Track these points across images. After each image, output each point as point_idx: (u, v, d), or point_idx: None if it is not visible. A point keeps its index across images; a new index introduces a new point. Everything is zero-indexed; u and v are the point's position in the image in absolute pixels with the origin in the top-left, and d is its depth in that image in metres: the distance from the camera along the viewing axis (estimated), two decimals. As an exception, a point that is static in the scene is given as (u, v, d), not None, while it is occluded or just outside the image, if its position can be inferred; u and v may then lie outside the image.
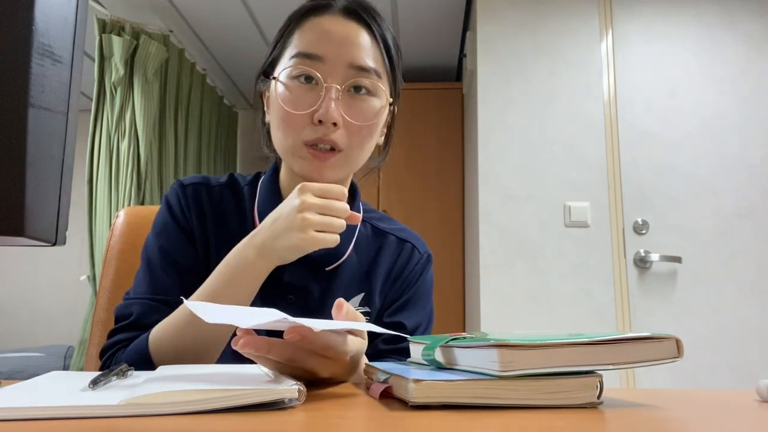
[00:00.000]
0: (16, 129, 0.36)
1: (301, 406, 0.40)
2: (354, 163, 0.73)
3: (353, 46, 0.70)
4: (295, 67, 0.70)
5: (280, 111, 0.70)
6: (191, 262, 0.73)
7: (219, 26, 2.95)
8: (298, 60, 0.70)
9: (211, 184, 0.79)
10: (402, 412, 0.39)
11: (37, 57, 0.37)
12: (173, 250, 0.73)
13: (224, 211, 0.77)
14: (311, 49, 0.70)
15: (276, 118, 0.71)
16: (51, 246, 0.40)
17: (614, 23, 2.38)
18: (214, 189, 0.78)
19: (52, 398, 0.38)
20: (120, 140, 2.55)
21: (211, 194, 0.77)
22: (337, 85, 0.68)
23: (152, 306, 0.70)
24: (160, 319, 0.66)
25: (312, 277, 0.74)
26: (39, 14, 0.37)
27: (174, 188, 0.78)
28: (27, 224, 0.36)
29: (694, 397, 0.54)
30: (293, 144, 0.69)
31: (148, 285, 0.71)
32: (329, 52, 0.69)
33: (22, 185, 0.36)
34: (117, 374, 0.46)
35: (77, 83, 0.41)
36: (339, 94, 0.68)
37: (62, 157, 0.40)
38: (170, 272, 0.72)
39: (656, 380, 2.06)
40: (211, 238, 0.74)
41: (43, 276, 3.73)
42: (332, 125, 0.68)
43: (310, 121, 0.68)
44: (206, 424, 0.34)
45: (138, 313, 0.69)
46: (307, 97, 0.69)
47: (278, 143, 0.72)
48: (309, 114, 0.68)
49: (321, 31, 0.71)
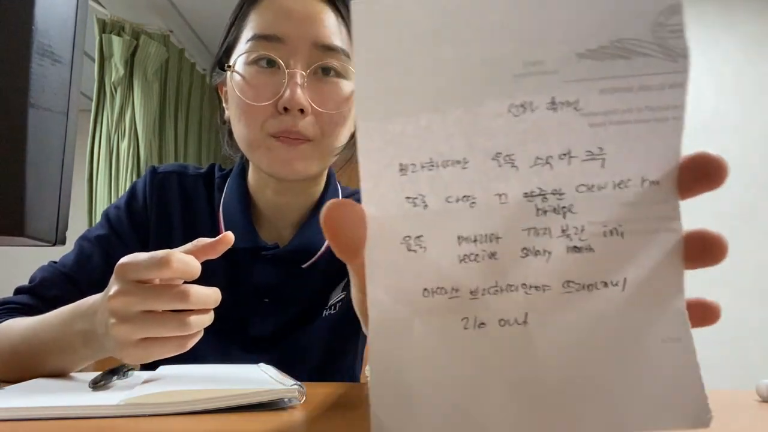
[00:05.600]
0: (16, 129, 0.36)
1: (301, 406, 0.40)
2: (327, 154, 0.64)
3: (316, 23, 0.62)
4: (251, 52, 0.61)
5: (239, 102, 0.62)
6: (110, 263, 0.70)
7: (219, 26, 2.93)
8: (255, 43, 0.61)
9: (187, 172, 0.75)
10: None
11: (37, 57, 0.37)
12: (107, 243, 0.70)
13: (195, 200, 0.73)
14: (269, 29, 0.61)
15: (236, 110, 0.63)
16: (51, 246, 0.40)
17: (614, 23, 2.38)
18: (188, 178, 0.74)
19: (52, 398, 0.38)
20: (120, 140, 2.55)
21: (183, 183, 0.74)
22: (301, 70, 0.60)
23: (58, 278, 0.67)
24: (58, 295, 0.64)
25: (287, 275, 0.70)
26: (39, 14, 0.37)
27: (144, 176, 0.74)
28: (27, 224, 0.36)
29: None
30: (256, 137, 0.62)
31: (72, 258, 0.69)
32: (290, 31, 0.61)
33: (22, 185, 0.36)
34: (117, 374, 0.46)
35: (77, 83, 0.41)
36: (304, 79, 0.60)
37: (62, 157, 0.40)
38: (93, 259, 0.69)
39: (656, 380, 2.06)
40: (176, 228, 0.71)
41: (43, 276, 3.72)
42: (299, 112, 0.60)
43: (274, 110, 0.60)
44: (206, 424, 0.34)
45: (40, 278, 0.67)
46: (268, 84, 0.61)
47: (240, 138, 0.64)
48: (272, 103, 0.60)
49: (279, 9, 0.62)
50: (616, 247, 0.23)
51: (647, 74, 0.22)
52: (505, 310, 0.23)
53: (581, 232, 0.23)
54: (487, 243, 0.23)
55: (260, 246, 0.69)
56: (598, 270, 0.23)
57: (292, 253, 0.69)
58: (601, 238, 0.23)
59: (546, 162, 0.23)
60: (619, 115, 0.23)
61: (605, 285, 0.23)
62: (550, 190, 0.23)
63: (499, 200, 0.23)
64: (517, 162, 0.23)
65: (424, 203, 0.23)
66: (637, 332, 0.22)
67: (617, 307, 0.23)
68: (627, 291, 0.23)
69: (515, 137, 0.23)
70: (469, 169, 0.23)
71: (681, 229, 0.23)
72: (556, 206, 0.23)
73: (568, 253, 0.23)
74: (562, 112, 0.23)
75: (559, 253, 0.23)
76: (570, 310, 0.23)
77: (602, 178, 0.23)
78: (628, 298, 0.23)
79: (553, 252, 0.23)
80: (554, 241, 0.23)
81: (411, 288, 0.23)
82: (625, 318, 0.23)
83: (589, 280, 0.23)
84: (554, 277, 0.23)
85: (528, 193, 0.23)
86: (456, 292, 0.23)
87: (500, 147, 0.23)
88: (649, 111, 0.23)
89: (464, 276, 0.23)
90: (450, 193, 0.23)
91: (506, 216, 0.23)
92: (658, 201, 0.23)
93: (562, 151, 0.23)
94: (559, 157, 0.23)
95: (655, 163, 0.23)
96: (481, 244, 0.23)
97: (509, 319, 0.23)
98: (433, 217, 0.23)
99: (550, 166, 0.23)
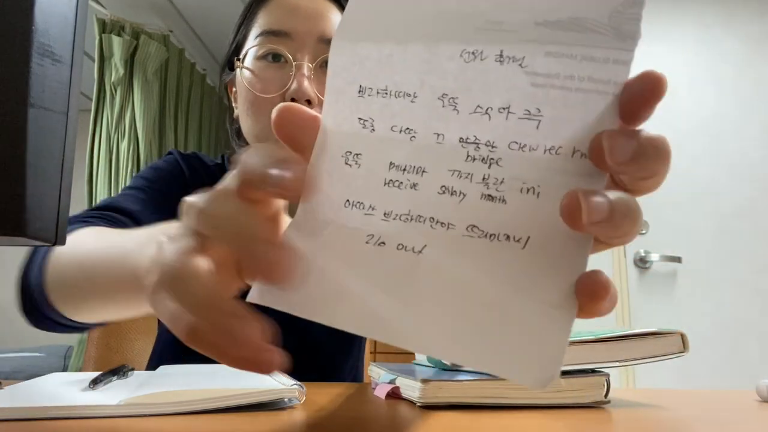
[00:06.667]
0: (16, 129, 0.36)
1: (300, 406, 0.40)
2: None
3: (322, 19, 0.65)
4: (260, 47, 0.64)
5: (247, 95, 0.64)
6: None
7: (219, 26, 2.95)
8: (264, 38, 0.64)
9: (206, 159, 0.75)
10: (408, 411, 0.39)
11: (37, 57, 0.37)
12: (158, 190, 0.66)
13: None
14: (277, 25, 0.64)
15: (244, 103, 0.65)
16: (51, 246, 0.40)
17: (614, 23, 2.37)
18: (208, 163, 0.74)
19: (52, 398, 0.38)
20: (120, 140, 2.55)
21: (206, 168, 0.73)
22: (308, 62, 0.62)
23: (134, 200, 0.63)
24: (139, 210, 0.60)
25: None
26: (39, 14, 0.37)
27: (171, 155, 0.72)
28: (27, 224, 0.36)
29: (694, 396, 0.54)
30: (264, 129, 0.64)
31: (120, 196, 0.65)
32: (297, 27, 0.64)
33: (22, 185, 0.36)
34: (117, 374, 0.46)
35: (77, 83, 0.41)
36: (311, 71, 0.63)
37: (62, 157, 0.40)
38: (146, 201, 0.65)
39: (656, 380, 2.06)
40: None
41: (43, 276, 3.72)
42: (306, 103, 0.61)
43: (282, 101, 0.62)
44: (206, 424, 0.34)
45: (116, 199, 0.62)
46: (276, 77, 0.63)
47: (248, 131, 0.66)
48: (280, 95, 0.62)
49: (286, 7, 0.65)
50: (528, 205, 0.23)
51: (594, 47, 0.23)
52: (407, 237, 0.24)
53: (499, 183, 0.24)
54: (413, 174, 0.24)
55: None
56: (504, 222, 0.24)
57: None
58: (517, 193, 0.24)
59: (485, 112, 0.24)
60: (560, 80, 0.23)
61: (507, 239, 0.23)
62: (484, 141, 0.24)
63: (436, 139, 0.24)
64: (459, 106, 0.24)
65: (372, 127, 0.25)
66: (523, 290, 0.23)
67: (513, 263, 0.23)
68: (527, 250, 0.23)
69: (462, 82, 0.24)
70: (417, 104, 0.25)
71: None
72: (485, 156, 0.24)
73: (480, 200, 0.24)
74: (508, 67, 0.24)
75: (473, 198, 0.24)
76: (467, 254, 0.24)
77: (535, 140, 0.24)
78: (526, 257, 0.23)
79: (467, 195, 0.24)
80: (472, 185, 0.24)
81: (336, 196, 0.25)
82: (517, 274, 0.23)
83: (492, 230, 0.24)
84: (461, 218, 0.24)
85: (463, 138, 0.24)
86: (372, 210, 0.25)
87: (447, 89, 0.24)
88: (590, 82, 0.23)
89: (383, 198, 0.24)
90: (395, 122, 0.25)
91: (438, 154, 0.24)
92: (583, 174, 0.23)
93: (502, 105, 0.24)
94: (499, 110, 0.24)
95: (589, 136, 0.23)
96: (408, 174, 0.24)
97: (407, 245, 0.24)
98: (375, 141, 0.25)
99: (488, 117, 0.24)
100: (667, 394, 0.54)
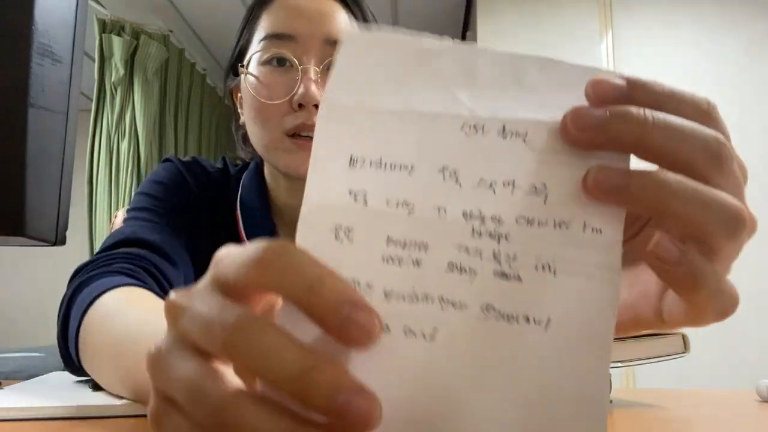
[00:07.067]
0: (16, 129, 0.36)
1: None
2: None
3: (327, 20, 0.62)
4: (264, 51, 0.62)
5: (253, 102, 0.62)
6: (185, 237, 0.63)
7: (219, 26, 2.95)
8: (268, 42, 0.62)
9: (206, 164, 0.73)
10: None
11: (37, 57, 0.37)
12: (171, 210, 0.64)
13: (216, 193, 0.70)
14: (281, 28, 0.62)
15: (250, 111, 0.63)
16: (51, 246, 0.40)
17: (614, 24, 2.38)
18: (209, 169, 0.72)
19: (52, 398, 0.38)
20: (120, 140, 2.55)
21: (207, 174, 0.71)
22: (314, 66, 0.60)
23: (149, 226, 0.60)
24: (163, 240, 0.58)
25: None
26: (39, 14, 0.37)
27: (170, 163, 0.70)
28: (27, 224, 0.36)
29: (694, 396, 0.54)
30: (273, 137, 0.62)
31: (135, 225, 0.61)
32: (301, 29, 0.61)
33: (22, 185, 0.36)
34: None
35: (77, 83, 0.41)
36: (318, 74, 0.60)
37: (62, 157, 0.40)
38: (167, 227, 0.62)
39: (656, 380, 2.06)
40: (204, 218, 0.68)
41: (43, 276, 3.72)
42: (314, 108, 0.59)
43: (289, 107, 0.60)
44: (206, 424, 0.34)
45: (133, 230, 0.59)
46: (281, 82, 0.61)
47: (256, 139, 0.64)
48: (287, 101, 0.60)
49: (289, 8, 0.63)
50: (545, 284, 0.22)
51: None
52: (414, 319, 0.22)
53: (512, 260, 0.22)
54: (414, 250, 0.22)
55: None
56: (522, 302, 0.22)
57: None
58: (532, 270, 0.22)
59: (489, 186, 0.23)
60: (566, 156, 0.23)
61: (527, 321, 0.22)
62: (489, 215, 0.23)
63: (437, 213, 0.23)
64: (461, 179, 0.23)
65: (365, 200, 0.23)
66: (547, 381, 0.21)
67: (535, 347, 0.21)
68: (549, 333, 0.21)
69: (464, 155, 0.23)
70: (415, 176, 0.23)
71: (619, 280, 0.22)
72: (492, 231, 0.22)
73: (494, 277, 0.22)
74: (511, 141, 0.23)
75: (486, 276, 0.22)
76: (484, 338, 0.21)
77: (543, 215, 0.22)
78: (549, 342, 0.21)
79: (479, 273, 0.22)
80: (483, 262, 0.22)
81: None
82: (540, 361, 0.21)
83: (511, 311, 0.22)
84: (475, 298, 0.22)
85: (467, 212, 0.23)
86: (369, 289, 0.22)
87: (448, 161, 0.23)
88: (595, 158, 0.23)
89: (382, 275, 0.22)
90: (391, 195, 0.23)
91: (441, 230, 0.23)
92: (598, 248, 0.22)
93: (507, 179, 0.23)
94: (503, 184, 0.23)
95: (599, 210, 0.22)
96: (409, 250, 0.22)
97: (416, 331, 0.22)
98: (368, 215, 0.23)
99: (493, 191, 0.23)
100: (667, 394, 0.54)
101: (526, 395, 0.21)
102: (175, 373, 0.21)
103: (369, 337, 0.20)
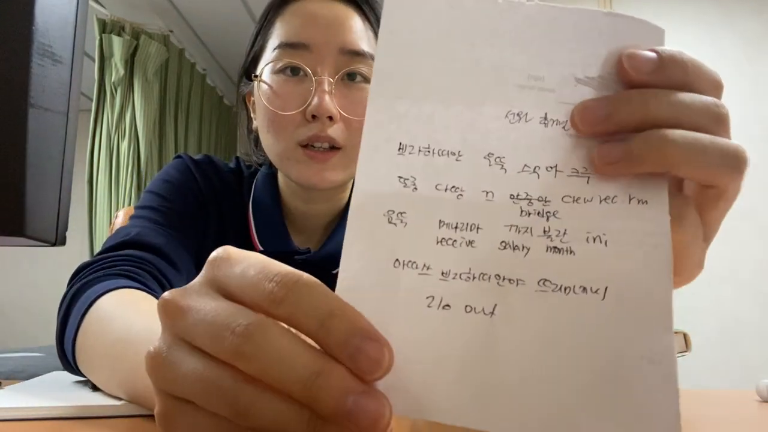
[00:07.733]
0: (16, 129, 0.36)
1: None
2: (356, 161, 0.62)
3: (342, 28, 0.61)
4: (278, 60, 0.61)
5: (267, 112, 0.61)
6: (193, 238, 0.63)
7: (219, 26, 2.95)
8: (281, 51, 0.61)
9: (220, 164, 0.72)
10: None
11: (37, 57, 0.37)
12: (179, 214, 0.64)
13: (228, 194, 0.70)
14: (295, 37, 0.61)
15: (264, 120, 0.63)
16: (51, 246, 0.40)
17: (614, 23, 2.38)
18: (222, 169, 0.71)
19: (51, 398, 0.38)
20: (120, 140, 2.55)
21: (219, 174, 0.70)
22: (329, 76, 0.60)
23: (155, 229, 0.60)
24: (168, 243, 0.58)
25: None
26: (39, 14, 0.37)
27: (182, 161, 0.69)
28: (27, 224, 0.36)
29: (694, 396, 0.54)
30: (286, 147, 0.61)
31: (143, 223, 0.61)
32: (316, 38, 0.60)
33: (22, 185, 0.36)
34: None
35: (77, 83, 0.41)
36: (332, 85, 0.60)
37: (62, 157, 0.40)
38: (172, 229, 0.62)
39: (656, 380, 2.06)
40: (212, 219, 0.67)
41: (43, 276, 3.72)
42: (328, 119, 0.59)
43: (302, 118, 0.60)
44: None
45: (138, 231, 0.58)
46: (295, 92, 0.60)
47: (269, 148, 0.64)
48: (300, 112, 0.60)
49: (304, 15, 0.62)
50: (598, 254, 0.23)
51: None
52: (473, 298, 0.23)
53: (563, 234, 0.23)
54: (467, 231, 0.23)
55: (293, 250, 0.67)
56: (577, 274, 0.23)
57: (324, 259, 0.67)
58: (584, 243, 0.23)
59: (533, 171, 0.24)
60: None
61: (584, 290, 0.22)
62: (536, 197, 0.24)
63: (485, 197, 0.24)
64: (506, 165, 0.24)
65: (414, 186, 0.24)
66: (611, 347, 0.22)
67: (595, 316, 0.22)
68: (607, 301, 0.22)
69: (508, 142, 0.24)
70: (462, 162, 0.24)
71: (669, 244, 0.22)
72: (540, 210, 0.23)
73: (547, 252, 0.23)
74: (552, 129, 0.24)
75: (539, 251, 0.23)
76: (542, 310, 0.22)
77: (588, 193, 0.24)
78: (608, 309, 0.22)
79: (531, 248, 0.23)
80: (534, 239, 0.23)
81: (383, 257, 0.23)
82: (602, 329, 0.22)
83: (566, 282, 0.22)
84: (530, 273, 0.23)
85: (514, 195, 0.24)
86: (426, 269, 0.23)
87: (492, 148, 0.24)
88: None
89: (438, 256, 0.23)
90: (440, 180, 0.24)
91: (490, 211, 0.24)
92: (646, 218, 0.23)
93: (550, 164, 0.24)
94: (546, 168, 0.24)
95: (642, 182, 0.23)
96: (461, 232, 0.23)
97: (476, 307, 0.23)
98: (419, 200, 0.24)
99: (537, 175, 0.24)
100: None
101: (592, 361, 0.22)
102: (181, 372, 0.21)
103: (379, 367, 0.20)
